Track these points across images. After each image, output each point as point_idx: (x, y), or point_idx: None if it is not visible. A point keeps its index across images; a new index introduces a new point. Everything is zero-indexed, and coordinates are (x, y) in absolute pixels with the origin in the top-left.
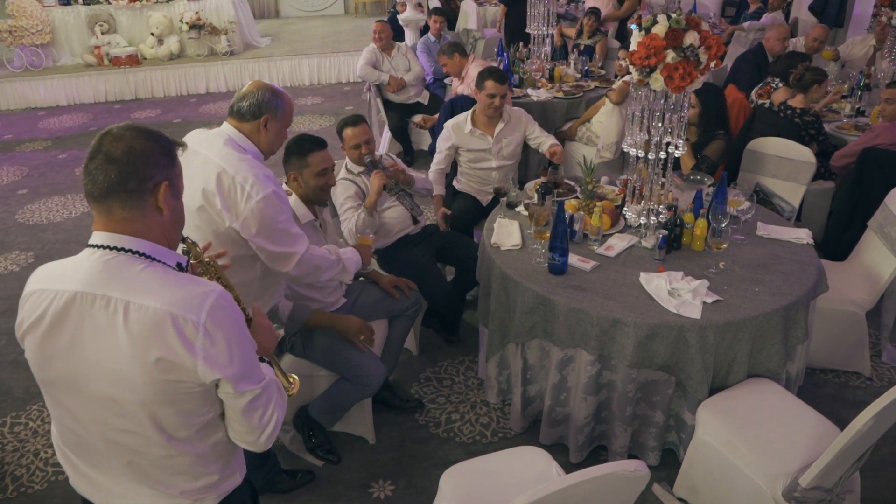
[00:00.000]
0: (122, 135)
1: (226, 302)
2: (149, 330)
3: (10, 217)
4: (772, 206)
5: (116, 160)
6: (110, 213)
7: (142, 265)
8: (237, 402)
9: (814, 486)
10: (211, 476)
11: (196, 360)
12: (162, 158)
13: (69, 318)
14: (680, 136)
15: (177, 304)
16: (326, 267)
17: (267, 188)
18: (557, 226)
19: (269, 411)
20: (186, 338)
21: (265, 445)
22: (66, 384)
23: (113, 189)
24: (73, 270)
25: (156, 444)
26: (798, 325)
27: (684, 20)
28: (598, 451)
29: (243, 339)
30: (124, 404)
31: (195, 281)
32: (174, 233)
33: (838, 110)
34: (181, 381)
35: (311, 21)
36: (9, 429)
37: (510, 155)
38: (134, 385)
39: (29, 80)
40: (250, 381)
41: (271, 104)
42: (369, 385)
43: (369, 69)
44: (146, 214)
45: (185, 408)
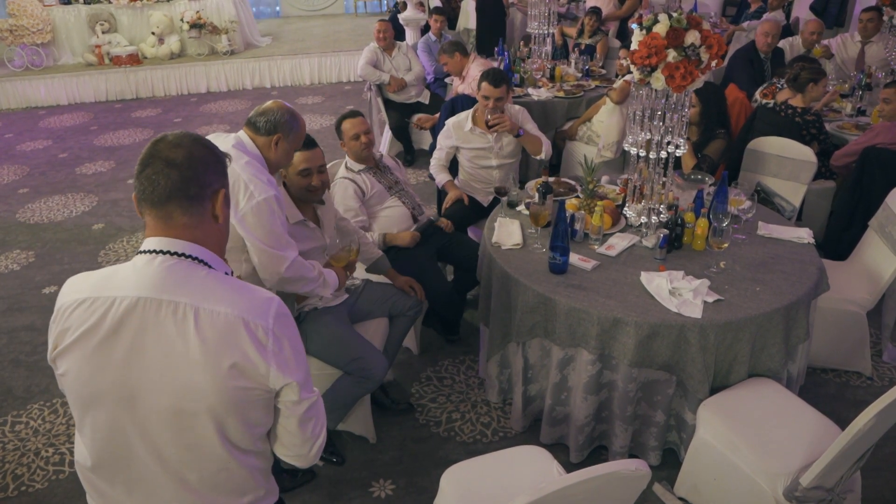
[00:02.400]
0: (180, 142)
1: (285, 308)
2: (222, 335)
3: (11, 216)
4: (773, 205)
5: (178, 165)
6: (170, 219)
7: (204, 271)
8: (297, 410)
9: (815, 486)
10: (258, 491)
11: (269, 366)
12: (219, 166)
13: (129, 325)
14: (681, 136)
15: (247, 310)
16: (310, 279)
17: (268, 191)
18: (558, 225)
19: (321, 423)
20: (260, 342)
21: (314, 459)
22: (119, 397)
23: (175, 194)
24: (129, 276)
25: (216, 457)
26: (799, 325)
27: (685, 19)
28: (599, 451)
29: (301, 346)
30: (189, 415)
31: (255, 288)
32: (225, 241)
33: (839, 109)
34: (252, 387)
35: (311, 20)
36: (9, 428)
37: (510, 153)
38: (203, 393)
39: (30, 80)
40: (309, 390)
41: (286, 125)
42: (371, 378)
43: (370, 69)
44: (204, 221)
45: (250, 417)
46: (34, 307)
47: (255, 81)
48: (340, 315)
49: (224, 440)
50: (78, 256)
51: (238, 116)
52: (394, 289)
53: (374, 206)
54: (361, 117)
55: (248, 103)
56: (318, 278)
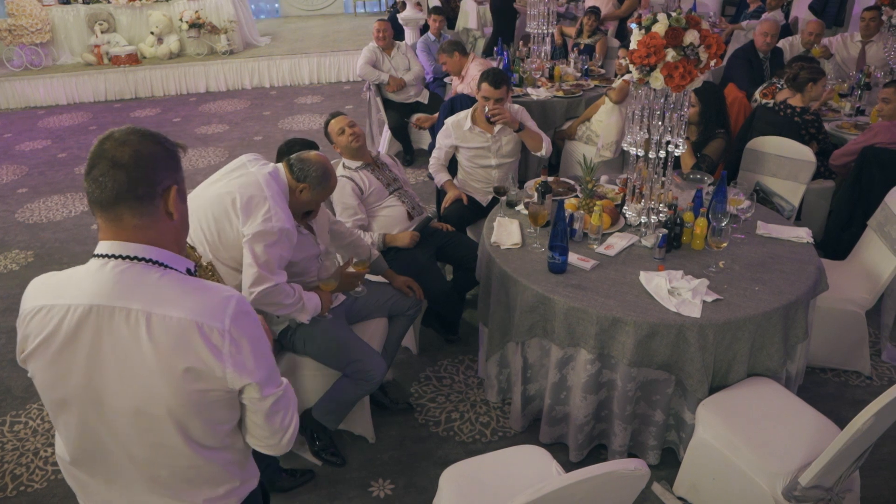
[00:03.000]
0: (126, 139)
1: (246, 306)
2: (175, 340)
3: (10, 216)
4: (772, 205)
5: (124, 165)
6: (120, 221)
7: (158, 273)
8: (261, 406)
9: (813, 485)
10: (233, 482)
11: (225, 368)
12: (169, 162)
13: (85, 332)
14: (680, 135)
15: (200, 313)
16: (285, 304)
17: (285, 224)
18: (557, 225)
19: (290, 414)
20: (214, 346)
21: (286, 448)
22: (85, 401)
23: (122, 195)
24: (82, 282)
25: (183, 455)
26: (798, 324)
27: (684, 19)
28: (598, 450)
29: (263, 343)
30: (151, 418)
31: (213, 287)
32: (184, 238)
33: (838, 109)
34: (210, 389)
35: (310, 20)
36: (8, 427)
37: (510, 153)
38: (161, 397)
39: (28, 80)
40: (273, 385)
41: (316, 180)
42: (370, 380)
43: (369, 68)
44: (157, 220)
45: (212, 416)
46: None
47: (255, 81)
48: (338, 317)
49: (188, 440)
50: (77, 256)
51: (237, 116)
52: (393, 289)
53: (374, 205)
54: (343, 115)
55: (247, 103)
56: (297, 303)
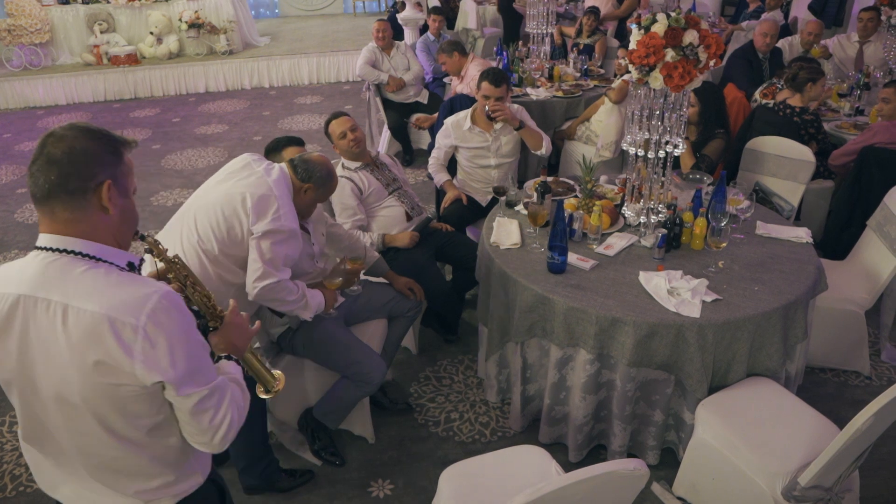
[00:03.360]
0: (63, 135)
1: (170, 303)
2: (86, 334)
3: (10, 216)
4: (771, 205)
5: (57, 161)
6: (53, 215)
7: (84, 267)
8: (183, 404)
9: (813, 485)
10: (165, 477)
11: (134, 363)
12: (106, 157)
13: (15, 321)
14: (679, 135)
15: (116, 308)
16: (288, 301)
17: (293, 224)
18: (557, 225)
19: (221, 413)
20: (124, 341)
21: (220, 447)
22: (23, 385)
23: (54, 190)
24: (18, 273)
25: (106, 445)
26: (797, 324)
27: (684, 19)
28: (598, 451)
29: (189, 341)
30: (71, 407)
31: (139, 282)
32: (124, 232)
33: (838, 109)
34: (122, 384)
35: (310, 20)
36: (7, 428)
37: (509, 152)
38: (76, 388)
39: (28, 80)
40: (195, 384)
41: (320, 181)
42: (370, 382)
43: (368, 68)
44: (89, 215)
45: (130, 410)
46: None
47: (254, 81)
48: (337, 320)
49: (109, 432)
50: None
51: (237, 116)
52: (392, 290)
53: (373, 205)
54: (346, 116)
55: (246, 103)
56: (300, 300)
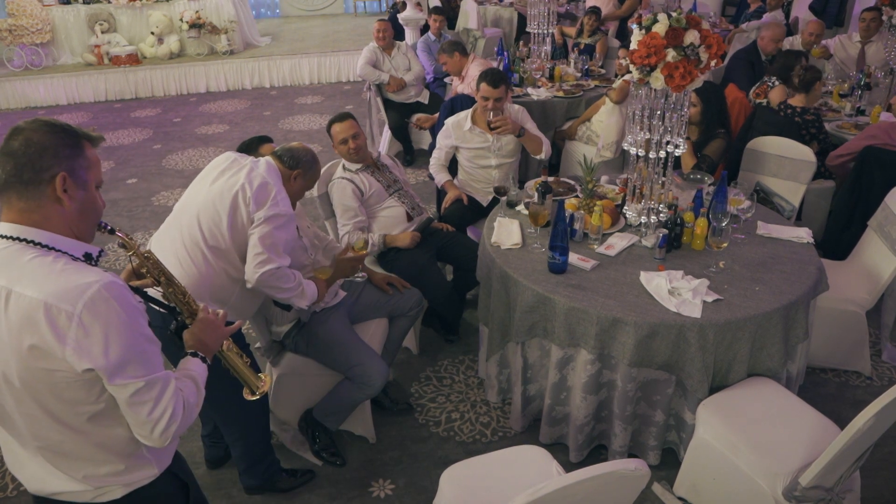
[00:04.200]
0: (24, 128)
1: (111, 293)
2: (23, 318)
3: None
4: (772, 205)
5: (13, 153)
6: (10, 204)
7: (32, 255)
8: (118, 395)
9: (814, 486)
10: (114, 465)
11: (65, 350)
12: (63, 150)
13: None
14: (680, 135)
15: (54, 295)
16: (286, 288)
17: (291, 211)
18: (557, 225)
19: (161, 407)
20: (58, 328)
21: (161, 441)
22: None
23: (10, 181)
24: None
25: (50, 429)
26: (798, 325)
27: (685, 19)
28: (598, 451)
29: (129, 332)
30: (14, 389)
31: (84, 271)
32: (82, 224)
33: (839, 109)
34: (55, 369)
35: (311, 20)
36: None
37: (510, 153)
38: (15, 371)
39: (29, 80)
40: (129, 376)
41: (307, 164)
42: (371, 385)
43: (369, 68)
44: (43, 205)
45: (66, 396)
46: None
47: (255, 81)
48: (342, 319)
49: (49, 415)
50: None
51: (237, 116)
52: (393, 289)
53: (374, 206)
54: (351, 120)
55: (247, 103)
56: (296, 288)
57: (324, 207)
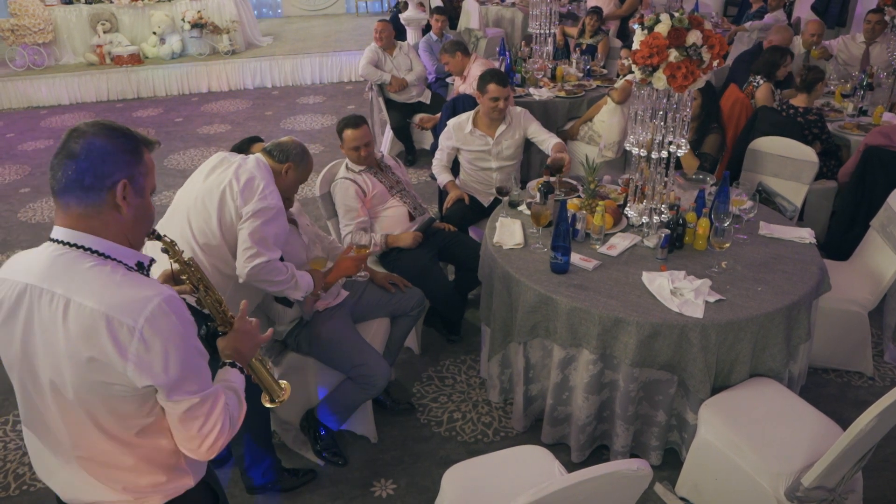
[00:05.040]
0: (85, 131)
1: (170, 307)
2: (84, 329)
3: (13, 215)
4: (774, 205)
5: (75, 156)
6: (67, 209)
7: (90, 263)
8: (173, 410)
9: (816, 486)
10: (156, 476)
11: (126, 365)
12: (124, 156)
13: (21, 308)
14: (682, 135)
15: (115, 307)
16: (277, 281)
17: (280, 204)
18: (560, 225)
19: (212, 422)
20: (120, 342)
21: (207, 455)
22: (23, 371)
23: (70, 185)
24: (31, 262)
25: (97, 440)
26: (801, 325)
27: (687, 19)
28: (600, 451)
29: (185, 348)
30: (65, 399)
31: (142, 283)
32: (137, 232)
33: (841, 109)
34: (113, 383)
35: (312, 20)
36: (11, 427)
37: (510, 156)
38: (69, 381)
39: (31, 79)
40: (186, 392)
41: (298, 157)
42: (374, 385)
43: (371, 69)
44: (102, 212)
45: (120, 409)
46: None
47: (257, 81)
48: (345, 319)
49: (99, 428)
50: None
51: (239, 116)
52: (396, 289)
53: (376, 207)
54: (365, 127)
55: (249, 103)
56: (289, 280)
57: (326, 207)
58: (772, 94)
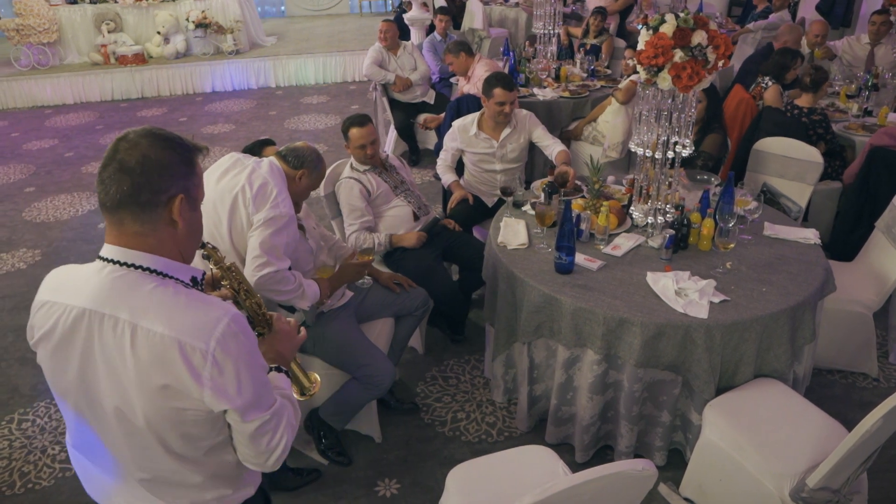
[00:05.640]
0: (138, 142)
1: (237, 327)
2: (155, 357)
3: (18, 215)
4: (778, 206)
5: (130, 170)
6: (121, 226)
7: (152, 284)
8: (244, 429)
9: (821, 487)
10: (222, 490)
11: (203, 391)
12: (180, 168)
13: (78, 334)
14: (687, 136)
15: (185, 331)
16: (285, 291)
17: (292, 212)
18: (564, 225)
19: (278, 436)
20: (194, 367)
21: (273, 468)
22: (79, 397)
23: (125, 201)
24: (82, 284)
25: (164, 462)
26: (805, 326)
27: (692, 19)
28: (604, 451)
29: (254, 366)
30: (133, 425)
31: (207, 304)
32: (190, 246)
33: (846, 110)
34: (187, 408)
35: (316, 20)
36: (16, 425)
37: (515, 159)
38: (139, 409)
39: (36, 79)
40: (259, 409)
41: (312, 163)
42: (378, 385)
43: (375, 68)
44: (158, 228)
45: (190, 432)
46: None
47: (261, 81)
48: (350, 319)
49: (167, 450)
50: (84, 255)
51: (243, 116)
52: (400, 288)
53: (380, 207)
54: (370, 126)
55: (253, 102)
56: (297, 290)
57: (330, 207)
58: (780, 95)
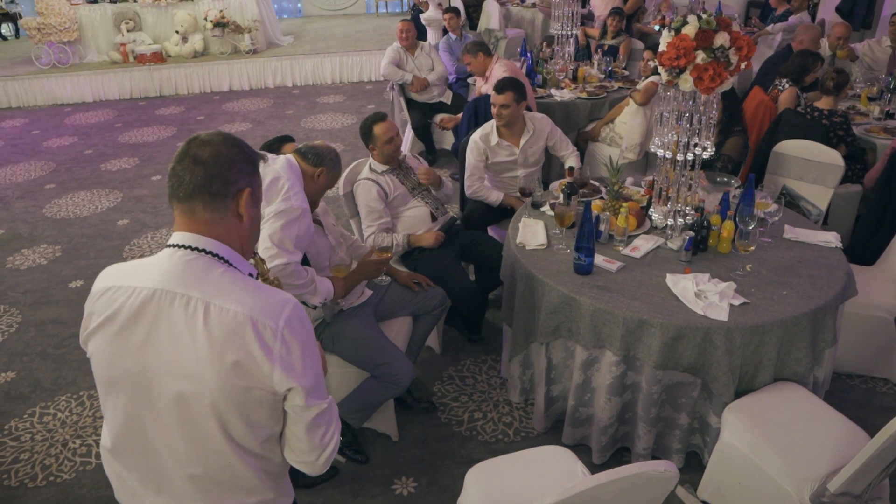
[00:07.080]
0: (210, 140)
1: (301, 313)
2: (229, 332)
3: (38, 211)
4: (798, 208)
5: (203, 162)
6: (193, 214)
7: (222, 268)
8: (304, 416)
9: (843, 492)
10: (266, 494)
11: (273, 367)
12: (246, 165)
13: (146, 314)
14: (708, 138)
15: (257, 309)
16: (299, 284)
17: (303, 204)
18: (583, 226)
19: (331, 431)
20: (266, 343)
21: (322, 468)
22: (135, 384)
23: (198, 190)
24: (152, 268)
25: (220, 454)
26: (826, 329)
27: (715, 21)
28: (621, 453)
29: (315, 352)
30: (193, 409)
31: (272, 289)
32: (250, 242)
33: (867, 113)
34: (254, 387)
35: (333, 20)
36: (38, 419)
37: (535, 162)
38: (206, 388)
39: (56, 77)
40: (318, 396)
41: (331, 162)
42: (397, 384)
43: (393, 68)
44: (227, 218)
45: (252, 416)
46: (61, 301)
47: (277, 80)
48: (368, 318)
49: (227, 437)
50: (103, 251)
51: (260, 115)
52: (419, 287)
53: (398, 208)
54: (389, 119)
55: (270, 102)
56: (308, 285)
57: (349, 206)
58: (796, 98)
